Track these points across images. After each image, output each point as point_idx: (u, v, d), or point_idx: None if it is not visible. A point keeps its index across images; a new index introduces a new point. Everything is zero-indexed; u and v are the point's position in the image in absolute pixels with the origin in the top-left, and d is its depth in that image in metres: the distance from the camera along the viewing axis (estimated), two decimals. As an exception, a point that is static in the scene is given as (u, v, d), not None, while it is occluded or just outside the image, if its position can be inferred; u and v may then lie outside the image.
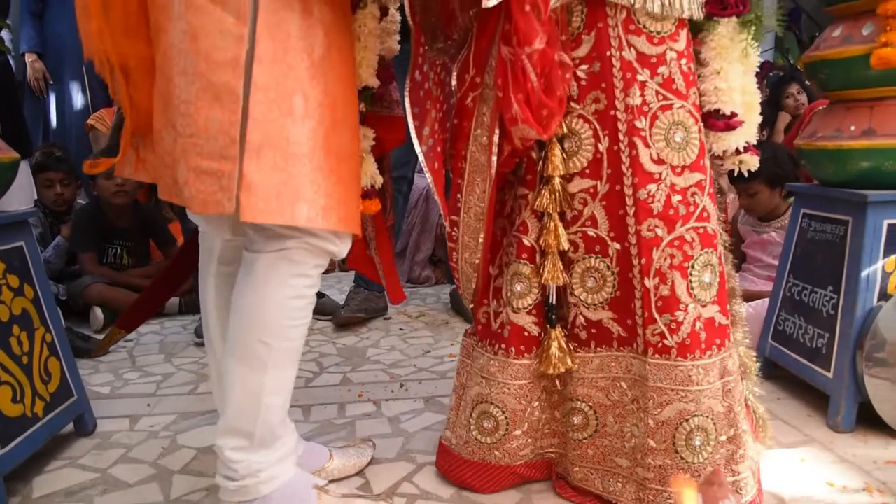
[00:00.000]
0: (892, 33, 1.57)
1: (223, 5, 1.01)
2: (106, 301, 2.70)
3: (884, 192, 1.68)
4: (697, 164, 1.23)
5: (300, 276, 1.17)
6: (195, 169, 1.04)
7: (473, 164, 1.25)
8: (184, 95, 1.03)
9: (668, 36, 1.20)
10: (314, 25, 1.06)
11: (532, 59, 1.06)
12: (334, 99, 1.10)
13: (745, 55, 1.25)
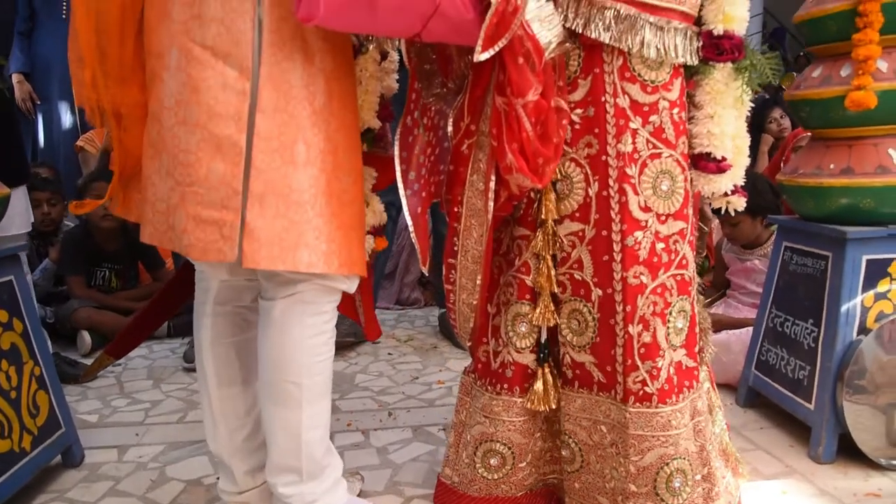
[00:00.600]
0: (864, 77, 1.63)
1: (225, 59, 1.03)
2: (94, 325, 2.70)
3: (862, 228, 1.72)
4: (681, 213, 1.26)
5: (316, 315, 1.21)
6: (195, 217, 1.06)
7: (470, 209, 1.27)
8: (183, 145, 1.05)
9: (661, 85, 1.23)
10: (316, 74, 1.09)
11: (527, 109, 1.08)
12: (336, 145, 1.13)
13: (740, 102, 1.28)
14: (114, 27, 1.14)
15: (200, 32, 1.03)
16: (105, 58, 1.15)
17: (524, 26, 1.03)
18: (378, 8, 0.96)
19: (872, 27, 1.62)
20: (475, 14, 1.03)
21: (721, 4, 1.22)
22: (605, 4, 1.17)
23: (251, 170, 1.04)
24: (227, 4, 1.02)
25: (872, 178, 1.69)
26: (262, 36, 1.03)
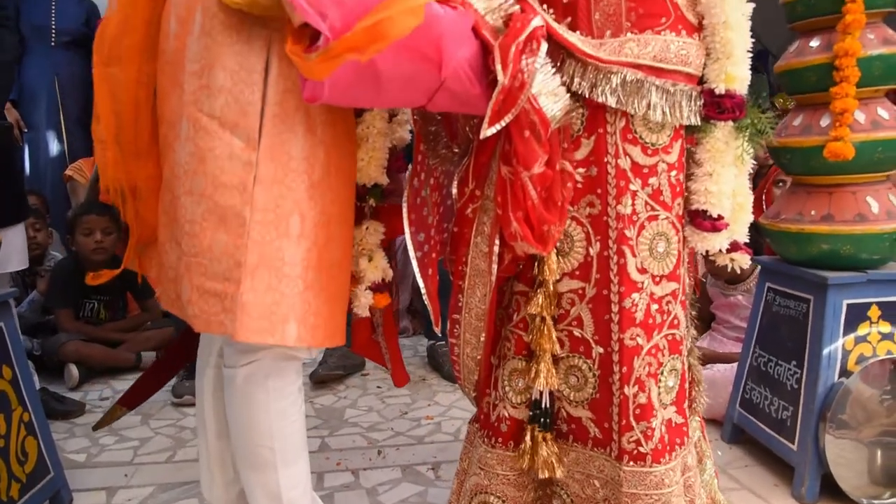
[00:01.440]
0: (842, 129, 1.67)
1: (232, 129, 1.04)
2: (81, 358, 2.69)
3: (843, 274, 1.76)
4: (674, 274, 1.27)
5: (279, 378, 1.20)
6: (199, 289, 1.07)
7: (474, 269, 1.27)
8: (189, 215, 1.06)
9: (661, 148, 1.23)
10: (316, 146, 1.09)
11: (532, 179, 1.09)
12: (329, 218, 1.13)
13: (741, 160, 1.29)
14: (129, 103, 1.17)
15: (209, 103, 1.04)
16: (122, 135, 1.17)
17: (531, 100, 1.04)
18: (383, 86, 0.97)
19: (849, 81, 1.67)
20: (481, 88, 1.04)
21: (723, 64, 1.23)
22: (611, 69, 1.17)
23: (248, 241, 1.05)
24: (235, 75, 1.04)
25: (852, 225, 1.74)
26: (266, 108, 1.04)
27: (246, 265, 1.05)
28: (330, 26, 0.85)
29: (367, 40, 0.86)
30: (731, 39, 1.21)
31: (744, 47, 1.24)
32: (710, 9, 1.22)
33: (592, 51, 1.15)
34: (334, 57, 0.86)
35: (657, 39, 1.19)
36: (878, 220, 1.73)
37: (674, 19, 1.21)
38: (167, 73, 1.12)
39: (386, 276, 1.33)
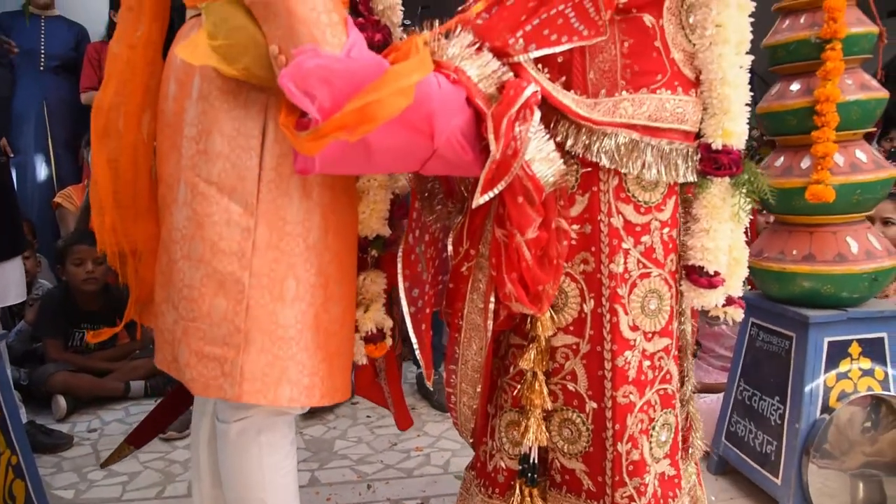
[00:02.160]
0: (823, 172, 1.71)
1: (230, 195, 1.04)
2: (70, 389, 2.67)
3: (824, 313, 1.80)
4: (666, 330, 1.27)
5: (270, 434, 1.20)
6: (197, 353, 1.07)
7: (470, 324, 1.27)
8: (187, 280, 1.06)
9: (654, 206, 1.22)
10: (312, 209, 1.09)
11: (527, 242, 1.08)
12: (327, 278, 1.13)
13: (737, 219, 1.27)
14: (128, 166, 1.18)
15: (206, 168, 1.05)
16: (121, 197, 1.18)
17: (524, 167, 1.04)
18: (374, 158, 0.97)
19: (829, 126, 1.71)
20: (474, 154, 1.05)
21: (721, 120, 1.22)
22: (605, 131, 1.16)
23: (246, 307, 1.05)
24: (233, 141, 1.04)
25: (832, 265, 1.77)
26: (262, 173, 1.05)
27: (244, 330, 1.05)
28: (319, 107, 0.85)
29: (357, 121, 0.86)
30: (728, 96, 1.21)
31: (741, 102, 1.23)
32: (707, 65, 1.22)
33: (586, 112, 1.15)
34: (323, 136, 0.86)
35: (652, 98, 1.19)
36: (858, 261, 1.77)
37: (670, 76, 1.21)
38: (166, 134, 1.13)
39: (382, 326, 1.32)
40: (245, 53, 0.96)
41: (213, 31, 0.97)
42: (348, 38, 0.94)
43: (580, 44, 1.10)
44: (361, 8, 1.19)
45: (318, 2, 0.94)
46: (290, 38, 0.92)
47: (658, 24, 1.19)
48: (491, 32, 1.08)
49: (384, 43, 1.19)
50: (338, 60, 0.88)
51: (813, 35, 1.74)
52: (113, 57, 1.18)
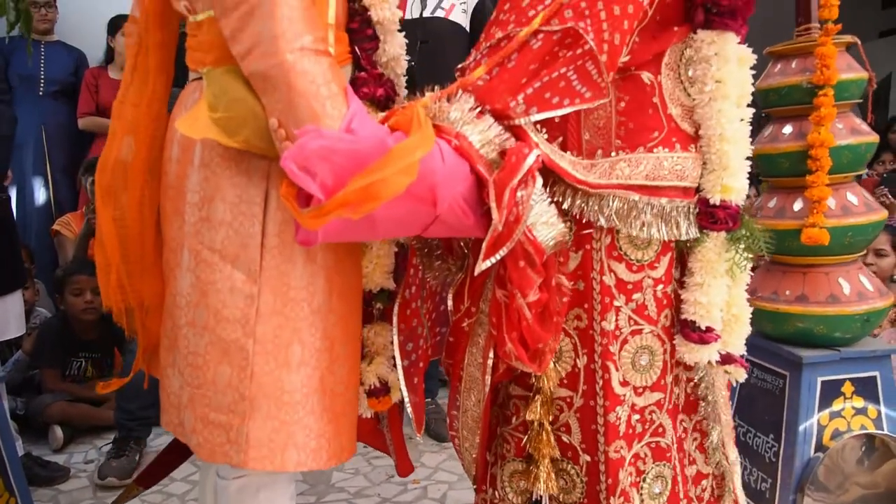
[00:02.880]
0: (817, 216, 1.74)
1: (233, 262, 1.03)
2: (67, 419, 2.66)
3: (817, 353, 1.81)
4: (658, 384, 1.26)
5: (270, 491, 1.18)
6: (203, 419, 1.06)
7: (469, 376, 1.26)
8: (192, 346, 1.06)
9: (647, 264, 1.20)
10: (316, 272, 1.08)
11: (527, 304, 1.07)
12: (333, 340, 1.12)
13: (732, 275, 1.24)
14: (134, 223, 1.18)
15: (209, 235, 1.04)
16: (128, 254, 1.18)
17: (526, 232, 1.03)
18: (377, 227, 0.97)
19: (823, 170, 1.73)
20: (476, 218, 1.04)
21: (720, 175, 1.19)
22: (602, 194, 1.14)
23: (251, 374, 1.04)
24: (235, 208, 1.04)
25: (825, 307, 1.79)
26: (265, 239, 1.04)
27: (249, 397, 1.04)
28: (321, 184, 0.85)
29: (360, 200, 0.86)
30: (727, 152, 1.18)
31: (741, 158, 1.20)
32: (705, 121, 1.19)
33: (583, 175, 1.14)
34: (326, 214, 0.86)
35: (649, 158, 1.17)
36: (850, 302, 1.79)
37: (667, 132, 1.19)
38: (169, 196, 1.13)
39: (386, 380, 1.31)
40: (245, 126, 0.96)
41: (214, 103, 0.97)
42: (348, 109, 0.94)
43: (582, 106, 1.09)
44: (364, 62, 1.18)
45: (318, 73, 0.93)
46: (289, 111, 0.92)
47: (656, 80, 1.18)
48: (492, 95, 1.07)
49: (387, 98, 1.19)
50: (341, 140, 0.88)
51: (805, 80, 1.77)
52: (117, 116, 1.19)
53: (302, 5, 0.93)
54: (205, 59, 1.05)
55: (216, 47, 1.02)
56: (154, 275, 1.19)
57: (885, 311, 1.83)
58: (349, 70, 1.17)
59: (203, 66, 1.05)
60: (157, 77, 1.20)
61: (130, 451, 2.42)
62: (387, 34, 1.19)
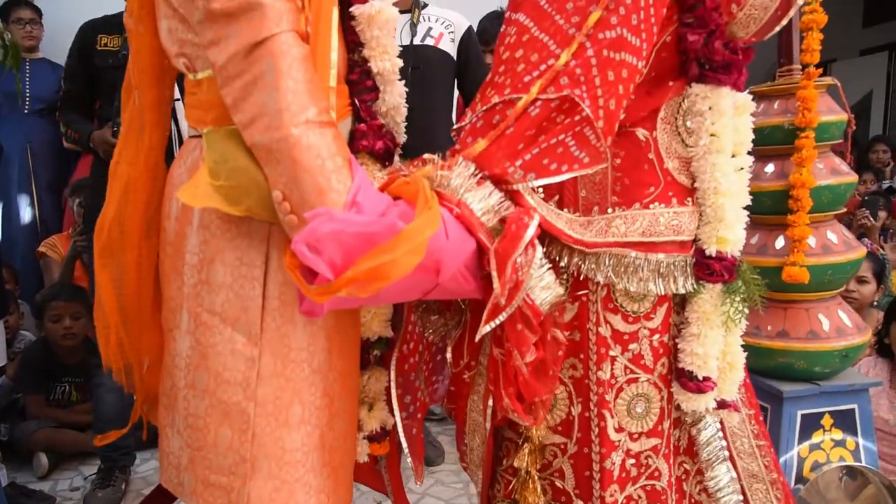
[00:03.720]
0: (798, 255, 1.77)
1: (234, 325, 1.01)
2: (52, 445, 2.62)
3: (797, 387, 1.84)
4: (655, 430, 1.25)
5: None
6: (203, 481, 1.04)
7: (472, 420, 1.27)
8: (192, 408, 1.04)
9: (643, 315, 1.20)
10: (317, 333, 1.06)
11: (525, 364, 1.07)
12: (332, 396, 1.11)
13: (730, 324, 1.23)
14: (132, 282, 1.16)
15: (209, 298, 1.02)
16: (127, 312, 1.17)
17: (525, 297, 1.02)
18: (380, 297, 0.95)
19: (804, 210, 1.77)
20: (476, 283, 1.04)
21: (716, 227, 1.18)
22: (598, 252, 1.14)
23: (252, 436, 1.03)
24: (236, 271, 1.02)
25: (805, 342, 1.82)
26: (266, 301, 1.02)
27: (250, 459, 1.03)
28: (329, 263, 0.84)
29: (369, 280, 0.85)
30: (722, 205, 1.17)
31: (737, 209, 1.19)
32: (700, 174, 1.18)
33: (579, 235, 1.14)
34: (334, 291, 0.85)
35: (645, 214, 1.16)
36: (829, 338, 1.82)
37: (663, 186, 1.18)
38: (168, 252, 1.11)
39: (385, 425, 1.30)
40: (247, 196, 0.94)
41: (215, 170, 0.95)
42: (353, 182, 0.93)
43: (580, 172, 1.08)
44: (363, 114, 1.17)
45: (323, 147, 0.90)
46: (294, 185, 0.91)
47: (652, 136, 1.18)
48: (491, 160, 1.07)
49: (386, 151, 1.18)
50: (350, 223, 0.87)
51: (787, 122, 1.81)
52: (113, 175, 1.17)
53: (306, 77, 0.91)
54: (205, 118, 1.02)
55: (216, 106, 0.99)
56: (153, 330, 1.17)
57: (862, 346, 1.87)
58: (349, 122, 1.16)
59: (203, 126, 1.02)
60: (153, 132, 1.17)
61: (116, 479, 2.39)
62: (387, 84, 1.18)
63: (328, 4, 1.01)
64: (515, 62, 1.10)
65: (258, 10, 0.88)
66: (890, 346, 2.34)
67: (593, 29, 1.04)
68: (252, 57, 0.89)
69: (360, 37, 1.11)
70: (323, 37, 1.01)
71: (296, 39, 0.91)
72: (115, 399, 2.36)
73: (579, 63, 1.05)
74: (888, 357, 2.37)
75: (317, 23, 0.99)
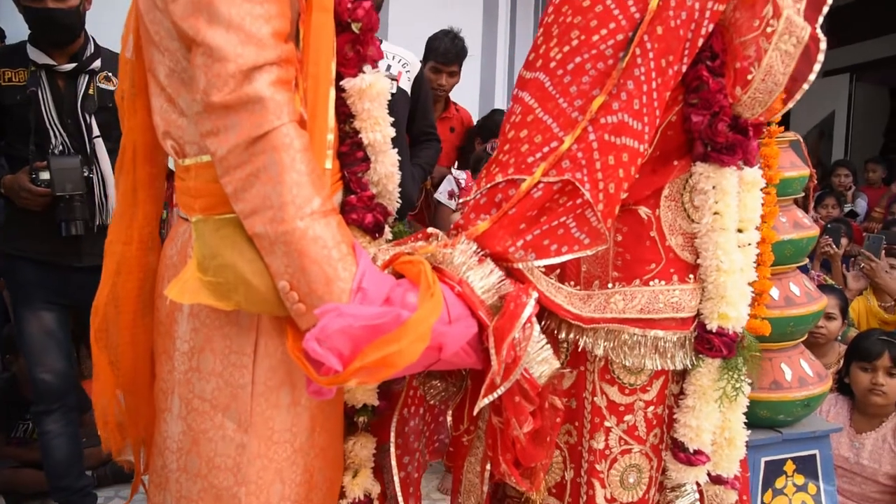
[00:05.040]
0: (760, 308, 1.79)
1: (224, 412, 1.01)
2: (13, 486, 2.51)
3: (761, 436, 1.86)
4: (643, 499, 1.25)
5: None
6: None
7: (468, 482, 1.26)
8: (184, 492, 1.04)
9: (639, 388, 1.20)
10: (300, 414, 1.06)
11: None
12: (311, 472, 1.10)
13: (728, 399, 1.22)
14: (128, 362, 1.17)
15: (200, 385, 1.02)
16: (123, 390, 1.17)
17: (523, 371, 1.03)
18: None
19: (765, 265, 1.81)
20: (476, 357, 1.05)
21: (717, 304, 1.16)
22: (596, 328, 1.14)
23: None
24: (225, 359, 1.01)
25: (768, 392, 1.86)
26: (254, 387, 1.02)
27: None
28: (338, 354, 0.84)
29: (376, 368, 0.86)
30: (724, 283, 1.15)
31: (741, 286, 1.17)
32: (704, 251, 1.17)
33: (577, 310, 1.15)
34: (343, 381, 0.86)
35: (644, 291, 1.16)
36: (791, 388, 1.86)
37: (665, 263, 1.17)
38: (160, 331, 1.09)
39: (371, 493, 1.28)
40: (235, 292, 0.94)
41: (203, 264, 0.94)
42: (358, 268, 0.93)
43: (581, 254, 1.09)
44: (354, 185, 1.15)
45: (328, 237, 0.90)
46: (301, 276, 0.90)
47: (654, 214, 1.18)
48: (493, 239, 1.08)
49: (375, 224, 1.17)
50: (359, 317, 0.87)
51: (750, 178, 1.86)
52: (108, 254, 1.16)
53: (309, 168, 0.90)
54: (193, 205, 1.00)
55: (205, 195, 0.98)
56: (150, 405, 1.16)
57: (823, 394, 1.92)
58: (339, 195, 1.14)
59: (192, 213, 1.00)
60: (147, 208, 1.16)
61: (77, 523, 2.36)
62: (378, 154, 1.15)
63: (325, 86, 1.01)
64: (520, 142, 1.11)
65: (259, 103, 0.87)
66: (850, 385, 2.40)
67: (596, 113, 1.05)
68: (254, 149, 0.87)
69: (351, 108, 1.09)
70: (320, 120, 1.01)
71: (297, 130, 0.90)
72: (64, 443, 2.32)
73: (581, 147, 1.06)
74: (848, 395, 2.43)
75: (314, 106, 0.99)
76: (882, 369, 2.26)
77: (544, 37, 1.13)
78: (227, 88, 0.85)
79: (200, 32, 0.85)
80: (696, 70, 1.12)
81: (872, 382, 2.27)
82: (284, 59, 0.90)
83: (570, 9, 1.09)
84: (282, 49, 0.89)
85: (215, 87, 0.85)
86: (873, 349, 2.28)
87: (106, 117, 2.22)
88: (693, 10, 1.06)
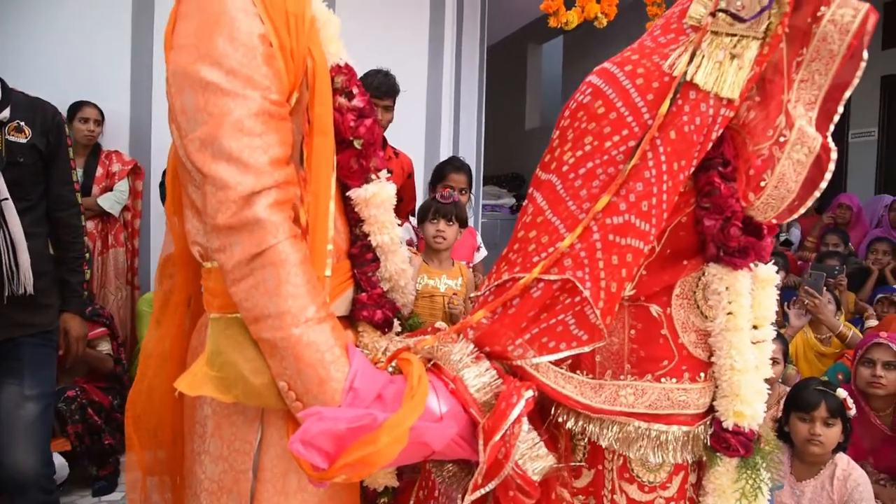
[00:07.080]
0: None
1: (228, 494, 1.08)
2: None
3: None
4: None
5: None
6: None
7: None
8: None
9: (659, 485, 1.18)
10: (308, 500, 1.10)
11: None
12: None
13: (748, 498, 1.18)
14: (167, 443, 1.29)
15: (210, 468, 1.09)
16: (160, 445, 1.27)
17: (515, 467, 1.04)
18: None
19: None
20: (471, 449, 1.06)
21: (732, 402, 1.14)
22: (603, 418, 1.12)
23: None
24: (231, 445, 1.08)
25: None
26: (260, 473, 1.07)
27: None
28: (324, 454, 0.90)
29: (357, 466, 0.91)
30: (738, 382, 1.13)
31: (756, 384, 1.15)
32: (717, 351, 1.15)
33: (587, 399, 1.13)
34: (330, 477, 0.91)
35: (655, 388, 1.15)
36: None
37: (677, 361, 1.16)
38: (187, 404, 1.19)
39: None
40: (235, 387, 1.01)
41: (212, 360, 1.02)
42: (350, 368, 0.99)
43: (578, 350, 1.09)
44: (364, 284, 1.20)
45: (322, 342, 0.97)
46: (297, 378, 0.97)
47: (665, 313, 1.17)
48: (493, 338, 1.10)
49: (384, 320, 1.20)
50: (339, 420, 0.92)
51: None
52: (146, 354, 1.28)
53: (304, 279, 0.96)
54: (212, 303, 1.07)
55: (220, 295, 1.04)
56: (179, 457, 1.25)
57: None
58: (350, 293, 1.18)
59: (211, 310, 1.07)
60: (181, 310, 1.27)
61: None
62: (387, 255, 1.20)
63: (325, 202, 1.07)
64: (528, 242, 1.13)
65: (257, 224, 0.94)
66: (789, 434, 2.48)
67: (601, 214, 1.06)
68: (254, 265, 0.95)
69: (359, 214, 1.16)
70: (321, 232, 1.07)
71: (293, 245, 0.96)
72: None
73: (584, 246, 1.07)
74: (788, 443, 2.51)
75: (315, 219, 1.05)
76: (819, 420, 2.29)
77: (559, 140, 1.15)
78: (229, 212, 0.93)
79: (206, 165, 0.94)
80: (707, 175, 1.12)
81: (811, 433, 2.34)
82: (283, 182, 0.96)
83: (585, 115, 1.12)
84: (280, 173, 0.96)
85: (220, 211, 0.93)
86: (811, 400, 2.28)
87: (15, 174, 1.87)
88: (707, 115, 1.07)
